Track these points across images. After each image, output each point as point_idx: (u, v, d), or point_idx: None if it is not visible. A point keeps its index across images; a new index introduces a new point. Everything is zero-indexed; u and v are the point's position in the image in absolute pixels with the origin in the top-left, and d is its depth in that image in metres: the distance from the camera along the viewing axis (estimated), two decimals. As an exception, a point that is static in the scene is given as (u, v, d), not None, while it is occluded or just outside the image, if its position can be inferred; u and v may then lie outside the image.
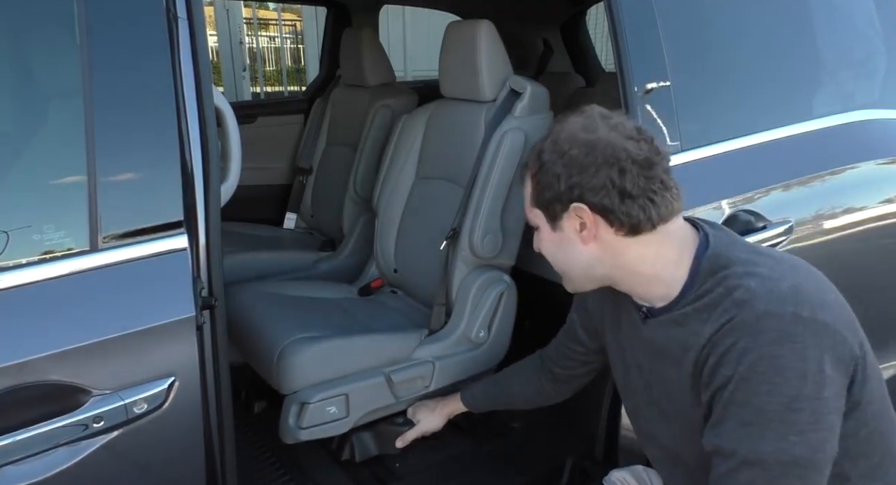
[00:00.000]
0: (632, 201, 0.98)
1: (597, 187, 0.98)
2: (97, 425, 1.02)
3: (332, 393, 1.59)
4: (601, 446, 1.65)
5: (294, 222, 2.88)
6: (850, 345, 0.92)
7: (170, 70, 1.08)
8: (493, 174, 1.74)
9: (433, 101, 2.09)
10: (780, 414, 0.88)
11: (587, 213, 1.01)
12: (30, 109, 1.08)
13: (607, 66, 3.58)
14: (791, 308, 0.90)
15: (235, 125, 1.28)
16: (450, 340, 1.75)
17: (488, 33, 1.81)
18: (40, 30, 1.05)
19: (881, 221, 1.71)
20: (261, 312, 1.83)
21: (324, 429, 1.60)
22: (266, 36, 9.93)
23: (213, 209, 1.13)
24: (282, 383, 1.61)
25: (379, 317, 1.91)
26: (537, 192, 1.06)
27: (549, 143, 1.03)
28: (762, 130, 1.60)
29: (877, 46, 1.85)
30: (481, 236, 1.74)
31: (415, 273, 2.02)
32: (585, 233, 1.03)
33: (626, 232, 1.01)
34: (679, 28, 1.53)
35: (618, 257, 1.04)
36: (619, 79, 1.45)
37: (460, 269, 1.79)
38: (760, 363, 0.89)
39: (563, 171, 1.00)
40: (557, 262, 1.12)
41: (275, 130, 3.08)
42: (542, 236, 1.10)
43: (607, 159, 0.98)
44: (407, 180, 2.09)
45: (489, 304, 1.77)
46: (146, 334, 1.05)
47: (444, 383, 1.73)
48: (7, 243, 0.98)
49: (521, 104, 1.77)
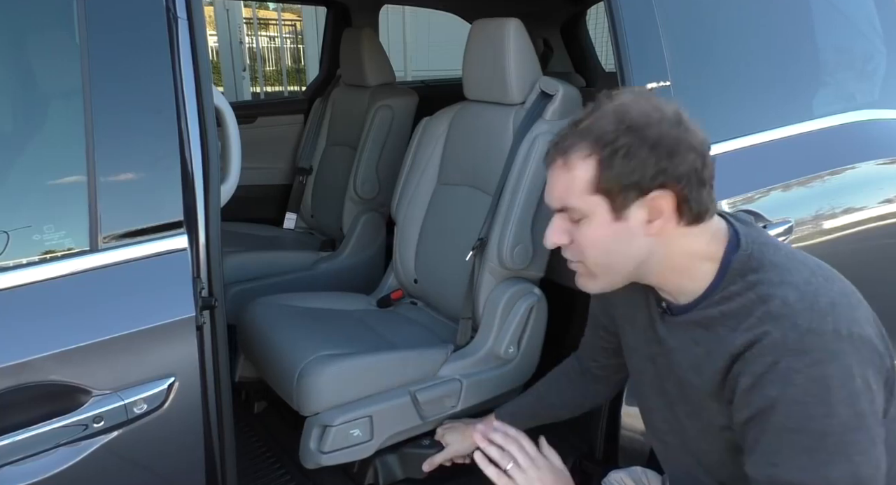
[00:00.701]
0: (704, 189, 0.93)
1: (683, 174, 0.91)
2: (97, 425, 1.02)
3: (355, 415, 1.51)
4: (601, 447, 1.64)
5: (294, 222, 2.88)
6: (884, 357, 0.90)
7: (170, 70, 1.08)
8: (524, 182, 1.65)
9: (456, 104, 2.00)
10: (843, 435, 0.85)
11: (669, 202, 0.93)
12: (30, 109, 1.08)
13: (607, 66, 3.57)
14: (831, 326, 0.86)
15: (235, 125, 1.27)
16: (477, 357, 1.67)
17: (517, 32, 1.72)
18: (40, 30, 1.05)
19: (881, 221, 1.71)
20: (278, 327, 1.75)
21: (347, 453, 1.52)
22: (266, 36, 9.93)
23: (213, 209, 1.13)
24: (302, 404, 1.53)
25: (401, 331, 1.81)
26: (605, 177, 0.93)
27: (620, 124, 0.92)
28: (762, 130, 1.60)
29: (877, 46, 1.85)
30: (511, 247, 1.64)
31: (436, 284, 1.93)
32: (658, 223, 0.94)
33: (688, 222, 0.94)
34: (679, 28, 1.52)
35: (668, 249, 0.96)
36: (619, 79, 1.45)
37: (488, 281, 1.70)
38: (812, 386, 0.85)
39: (648, 155, 0.91)
40: (608, 257, 0.99)
41: (275, 129, 3.07)
42: (594, 227, 0.96)
43: (693, 144, 0.92)
44: (428, 187, 1.99)
45: (519, 318, 1.68)
46: (146, 335, 1.05)
47: (472, 402, 1.65)
48: (7, 243, 0.98)
49: (552, 107, 1.70)
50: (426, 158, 2.00)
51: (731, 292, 0.94)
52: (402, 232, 2.02)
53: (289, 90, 9.18)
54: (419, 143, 2.03)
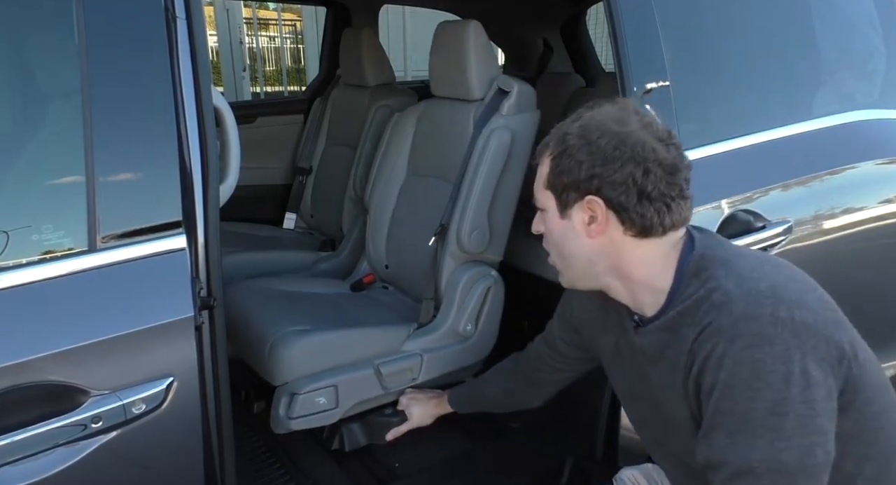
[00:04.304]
0: (649, 203, 0.96)
1: (617, 183, 0.95)
2: (95, 425, 1.02)
3: (321, 384, 1.62)
4: (601, 446, 1.65)
5: (294, 222, 2.88)
6: (836, 343, 0.90)
7: (169, 70, 1.08)
8: (481, 171, 1.77)
9: (424, 100, 2.14)
10: (766, 420, 0.86)
11: (601, 207, 0.98)
12: (29, 109, 1.08)
13: (607, 66, 3.57)
14: (769, 309, 0.88)
15: (234, 125, 1.27)
16: (438, 334, 1.78)
17: (477, 34, 1.84)
18: (39, 30, 1.05)
19: (881, 221, 1.71)
20: (253, 306, 1.85)
21: (313, 419, 1.63)
22: (266, 36, 9.93)
23: (213, 209, 1.13)
24: (273, 374, 1.65)
25: (369, 312, 1.94)
26: (554, 174, 1.01)
27: (578, 127, 0.99)
28: (762, 130, 1.59)
29: (877, 46, 1.85)
30: (469, 232, 1.78)
31: (406, 269, 2.05)
32: (594, 227, 1.00)
33: (635, 233, 0.98)
34: (679, 28, 1.52)
35: (619, 257, 1.01)
36: (619, 79, 1.45)
37: (448, 264, 1.82)
38: (740, 369, 0.87)
39: (586, 158, 0.97)
40: (558, 251, 1.08)
41: (275, 129, 3.07)
42: (548, 221, 1.06)
43: (634, 156, 0.95)
44: (398, 177, 2.13)
45: (476, 298, 1.80)
46: (145, 335, 1.05)
47: (432, 375, 1.77)
48: (7, 243, 0.98)
49: (508, 103, 1.81)
50: (397, 151, 2.14)
51: (687, 294, 0.98)
52: (374, 220, 2.15)
53: (289, 90, 9.18)
54: (390, 136, 2.18)
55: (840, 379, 0.90)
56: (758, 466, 0.87)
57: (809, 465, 0.86)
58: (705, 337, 0.92)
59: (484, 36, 1.86)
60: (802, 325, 0.88)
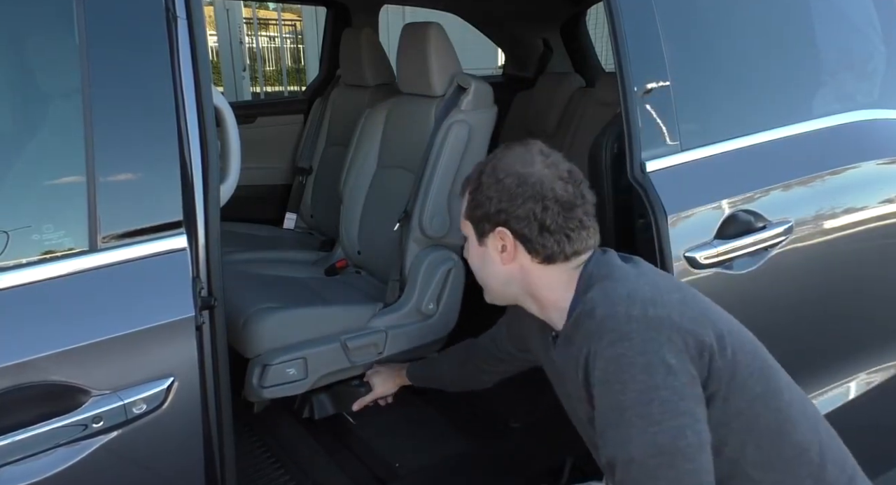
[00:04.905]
0: (549, 235, 1.10)
1: (521, 217, 1.10)
2: (96, 425, 1.02)
3: (291, 356, 1.72)
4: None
5: (294, 222, 2.88)
6: (695, 336, 0.97)
7: (169, 70, 1.08)
8: (441, 162, 1.90)
9: (393, 97, 2.28)
10: (636, 409, 0.93)
11: (509, 237, 1.12)
12: (29, 109, 1.08)
13: (607, 66, 3.57)
14: (623, 309, 0.99)
15: (235, 125, 1.27)
16: (402, 312, 1.89)
17: (437, 34, 1.99)
18: (39, 29, 1.05)
19: (881, 222, 1.71)
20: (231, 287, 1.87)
21: (284, 389, 1.73)
22: (266, 36, 9.94)
23: (213, 209, 1.13)
24: (246, 346, 1.74)
25: (340, 293, 2.08)
26: (471, 208, 1.17)
27: (490, 166, 1.15)
28: (762, 130, 1.59)
29: (877, 46, 1.85)
30: (430, 218, 1.90)
31: (376, 254, 2.17)
32: (505, 254, 1.14)
33: (541, 260, 1.12)
34: (679, 28, 1.52)
35: (529, 282, 1.15)
36: (619, 79, 1.45)
37: (412, 248, 1.94)
38: (609, 365, 0.97)
39: (494, 195, 1.12)
40: (479, 273, 1.23)
41: (275, 129, 3.07)
42: (470, 248, 1.22)
43: (534, 194, 1.09)
44: (370, 169, 2.27)
45: (437, 279, 1.91)
46: (145, 335, 1.05)
47: (396, 349, 1.87)
48: (7, 243, 0.98)
49: (466, 99, 1.93)
50: (368, 144, 2.28)
51: (576, 310, 1.08)
52: (346, 209, 2.29)
53: (289, 90, 9.19)
54: (362, 131, 2.33)
55: (703, 369, 0.98)
56: (637, 453, 0.92)
57: (682, 446, 0.92)
58: (582, 342, 1.02)
59: (445, 36, 2.00)
60: (656, 320, 0.97)
